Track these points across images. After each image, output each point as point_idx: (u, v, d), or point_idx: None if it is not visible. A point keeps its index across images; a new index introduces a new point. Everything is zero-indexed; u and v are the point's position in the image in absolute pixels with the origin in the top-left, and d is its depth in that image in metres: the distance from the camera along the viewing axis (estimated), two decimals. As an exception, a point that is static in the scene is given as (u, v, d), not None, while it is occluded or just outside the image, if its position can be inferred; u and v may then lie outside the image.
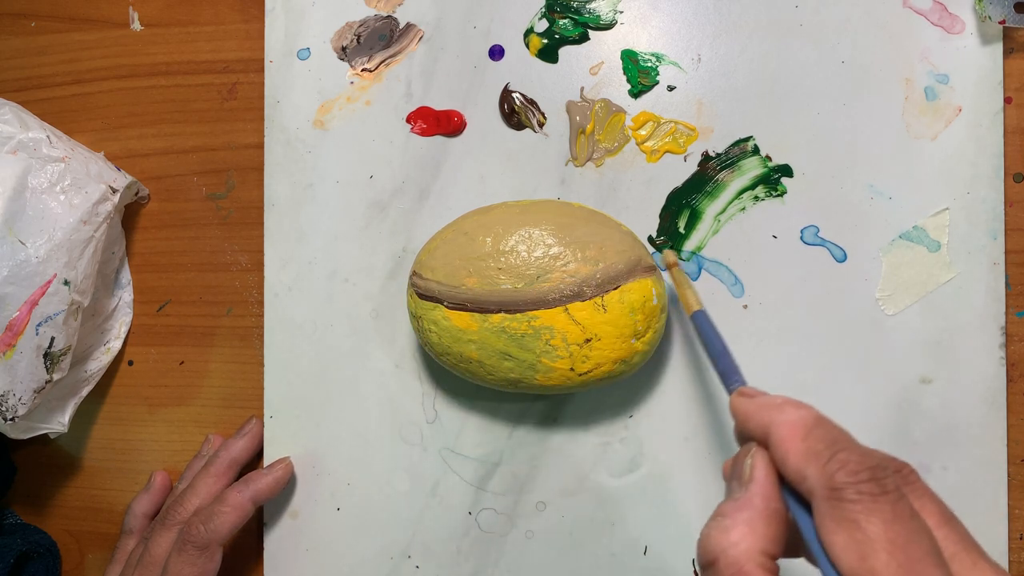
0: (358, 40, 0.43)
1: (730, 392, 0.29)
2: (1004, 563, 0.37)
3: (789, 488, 0.23)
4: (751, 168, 0.39)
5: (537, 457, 0.41)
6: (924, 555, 0.19)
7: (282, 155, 0.43)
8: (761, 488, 0.23)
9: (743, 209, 0.40)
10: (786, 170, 0.39)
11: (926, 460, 0.38)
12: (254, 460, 0.43)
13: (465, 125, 0.42)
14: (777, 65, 0.39)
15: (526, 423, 0.41)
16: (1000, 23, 0.37)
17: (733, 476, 0.25)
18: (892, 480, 0.21)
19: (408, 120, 0.42)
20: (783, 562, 0.23)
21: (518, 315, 0.35)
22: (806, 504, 0.22)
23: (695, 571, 0.39)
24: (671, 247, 0.39)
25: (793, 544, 0.23)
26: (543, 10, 0.41)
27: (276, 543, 0.43)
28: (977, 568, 0.20)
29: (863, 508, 0.20)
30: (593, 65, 0.41)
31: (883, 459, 0.22)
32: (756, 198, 0.39)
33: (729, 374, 0.30)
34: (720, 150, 0.40)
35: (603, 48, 0.41)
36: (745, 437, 0.26)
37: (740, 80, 0.40)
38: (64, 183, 0.40)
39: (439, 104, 0.42)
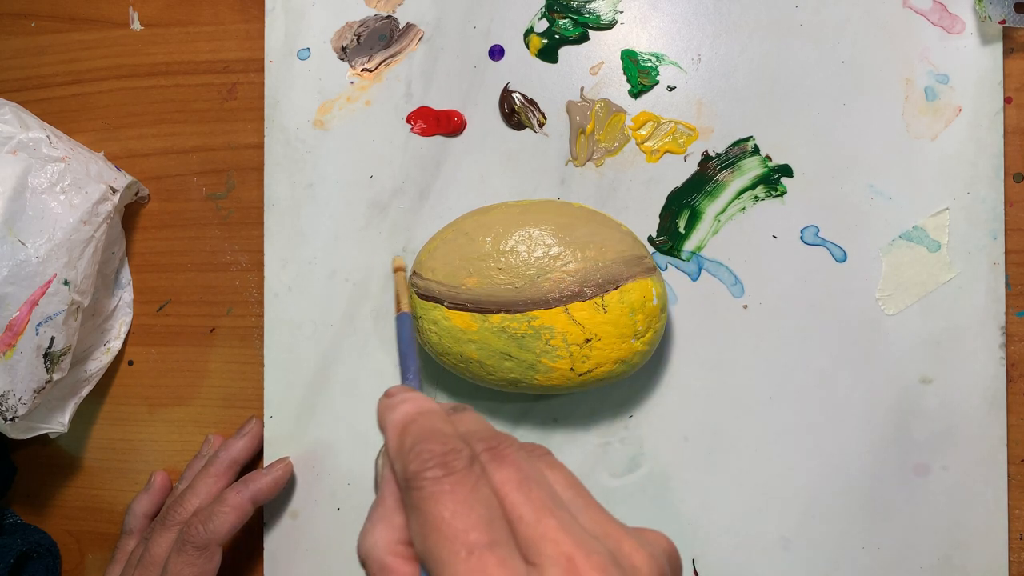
0: (358, 40, 0.43)
1: None
2: (1004, 563, 0.37)
3: None
4: (751, 168, 0.39)
5: (537, 457, 0.41)
6: (474, 523, 0.19)
7: (282, 155, 0.43)
8: (388, 485, 0.23)
9: (743, 209, 0.40)
10: (786, 170, 0.39)
11: (926, 460, 0.38)
12: (254, 460, 0.43)
13: (465, 125, 0.42)
14: (777, 65, 0.39)
15: (526, 423, 0.41)
16: (1000, 23, 0.37)
17: (375, 477, 0.25)
18: (462, 460, 0.21)
19: (408, 120, 0.42)
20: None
21: (518, 315, 0.35)
22: None
23: (695, 571, 0.39)
24: (401, 256, 0.39)
25: None
26: (543, 10, 0.41)
27: (276, 543, 0.43)
28: (541, 524, 0.20)
29: (426, 494, 0.20)
30: (593, 65, 0.41)
31: (468, 441, 0.22)
32: (756, 198, 0.39)
33: (404, 373, 0.31)
34: (720, 150, 0.40)
35: (603, 48, 0.41)
36: None
37: (740, 80, 0.40)
38: (64, 183, 0.40)
39: (439, 104, 0.42)
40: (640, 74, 0.40)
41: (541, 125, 0.41)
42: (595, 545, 0.20)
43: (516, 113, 0.41)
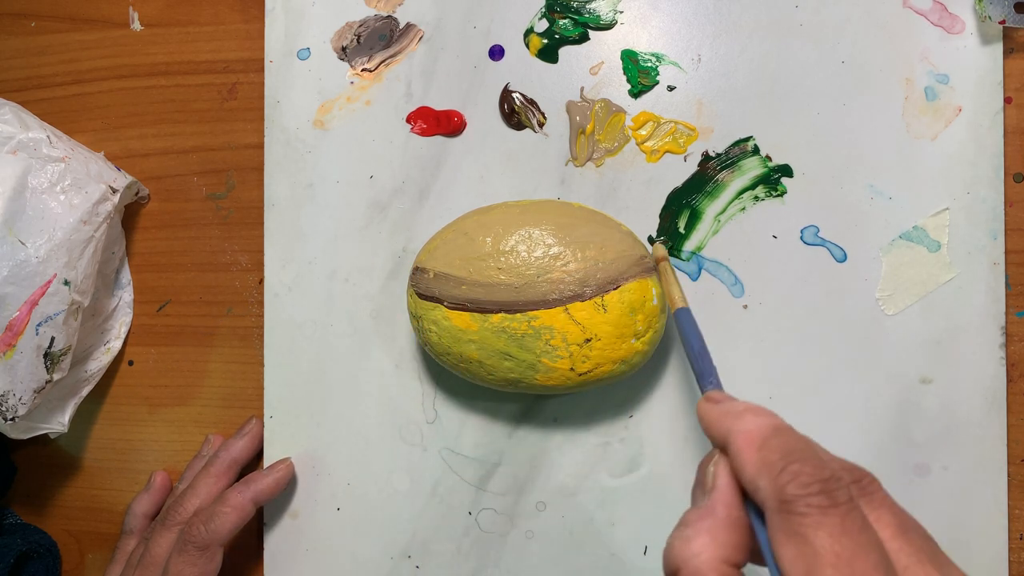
0: (358, 40, 0.43)
1: (702, 394, 0.28)
2: (1004, 563, 0.37)
3: (748, 497, 0.23)
4: (751, 168, 0.39)
5: (537, 457, 0.41)
6: (871, 569, 0.19)
7: (282, 155, 0.43)
8: (722, 496, 0.23)
9: (743, 209, 0.40)
10: (786, 170, 0.39)
11: (926, 460, 0.38)
12: (254, 460, 0.43)
13: (465, 125, 0.42)
14: (777, 65, 0.39)
15: (526, 423, 0.41)
16: (1000, 23, 0.37)
17: (697, 483, 0.24)
18: (844, 492, 0.21)
19: (408, 120, 0.42)
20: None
21: (518, 315, 0.35)
22: (763, 514, 0.22)
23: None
24: (663, 240, 0.40)
25: (758, 551, 0.23)
26: (543, 10, 0.41)
27: (276, 543, 0.43)
28: None
29: (811, 521, 0.20)
30: (593, 65, 0.41)
31: (838, 470, 0.22)
32: (756, 198, 0.39)
33: (704, 375, 0.29)
34: (720, 150, 0.40)
35: (603, 48, 0.41)
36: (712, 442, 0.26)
37: (740, 80, 0.40)
38: (64, 183, 0.40)
39: (439, 104, 0.42)
40: (640, 74, 0.40)
41: (541, 125, 0.41)
42: None
43: (516, 113, 0.41)
